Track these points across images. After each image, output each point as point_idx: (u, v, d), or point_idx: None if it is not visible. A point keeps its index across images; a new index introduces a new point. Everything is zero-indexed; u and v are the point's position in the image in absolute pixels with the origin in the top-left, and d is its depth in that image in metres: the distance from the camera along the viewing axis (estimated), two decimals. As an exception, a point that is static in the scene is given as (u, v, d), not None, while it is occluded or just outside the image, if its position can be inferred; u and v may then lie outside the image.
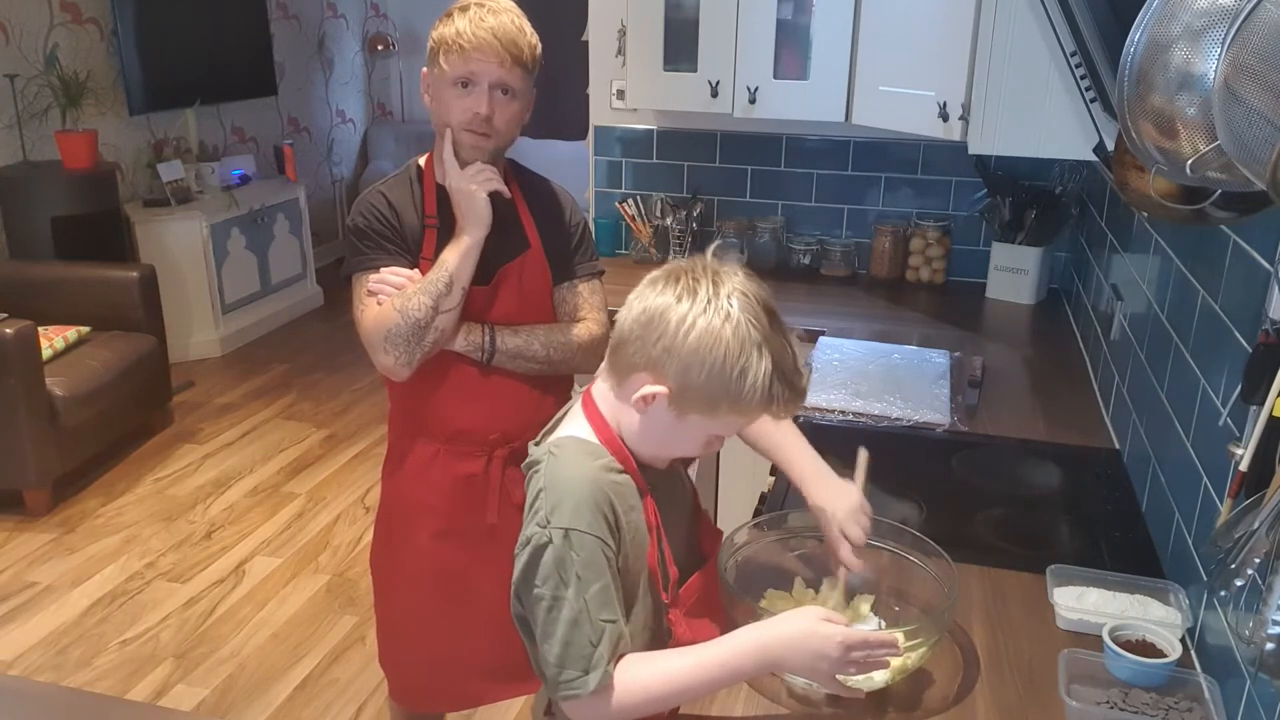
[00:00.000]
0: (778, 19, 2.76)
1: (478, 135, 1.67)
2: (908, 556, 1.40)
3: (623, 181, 3.38)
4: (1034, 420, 2.15)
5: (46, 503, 3.60)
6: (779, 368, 1.09)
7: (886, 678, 1.25)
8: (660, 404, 1.13)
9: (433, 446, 1.77)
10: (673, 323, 1.09)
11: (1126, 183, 1.36)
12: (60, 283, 4.08)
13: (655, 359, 1.10)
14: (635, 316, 1.13)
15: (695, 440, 1.18)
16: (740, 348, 1.08)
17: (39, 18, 4.54)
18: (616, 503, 1.14)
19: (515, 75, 1.65)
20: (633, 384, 1.14)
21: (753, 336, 1.08)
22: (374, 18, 7.18)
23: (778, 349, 1.10)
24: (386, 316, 1.65)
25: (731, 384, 1.08)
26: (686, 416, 1.13)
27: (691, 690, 1.14)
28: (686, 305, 1.09)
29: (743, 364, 1.08)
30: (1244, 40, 0.80)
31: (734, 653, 1.12)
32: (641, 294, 1.14)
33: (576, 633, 1.08)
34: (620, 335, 1.15)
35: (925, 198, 3.17)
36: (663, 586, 1.21)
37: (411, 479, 1.81)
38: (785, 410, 1.13)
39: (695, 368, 1.08)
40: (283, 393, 4.75)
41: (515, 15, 1.67)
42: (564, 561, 1.09)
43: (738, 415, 1.14)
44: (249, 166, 5.65)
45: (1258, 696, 1.11)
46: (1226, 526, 1.03)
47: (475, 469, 1.77)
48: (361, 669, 2.80)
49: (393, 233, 1.71)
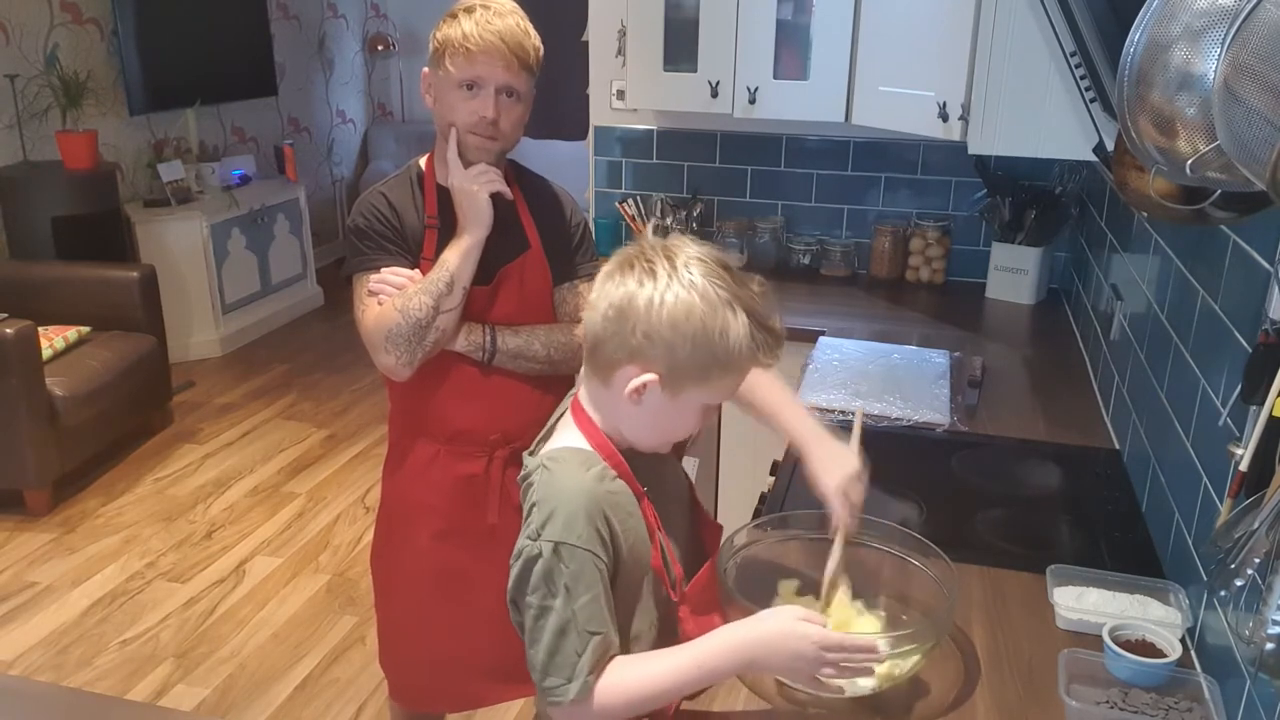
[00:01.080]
0: (778, 19, 2.75)
1: (484, 138, 1.67)
2: (908, 558, 1.40)
3: (623, 182, 3.38)
4: (1034, 420, 2.15)
5: (46, 503, 3.60)
6: (754, 317, 1.12)
7: (874, 685, 1.23)
8: (654, 391, 1.13)
9: (433, 447, 1.77)
10: (642, 308, 1.10)
11: (1126, 183, 1.36)
12: (60, 283, 4.08)
13: (637, 348, 1.11)
14: (604, 313, 1.13)
15: (693, 416, 1.18)
16: (714, 310, 1.09)
17: (39, 18, 4.54)
18: (611, 514, 1.14)
19: (521, 79, 1.66)
20: (620, 380, 1.15)
21: (722, 296, 1.10)
22: (374, 18, 7.18)
23: (747, 300, 1.12)
24: (387, 316, 1.65)
25: (717, 347, 1.10)
26: (681, 395, 1.14)
27: (672, 693, 1.15)
28: (650, 287, 1.10)
29: (721, 324, 1.09)
30: (1244, 40, 0.80)
31: (712, 654, 1.13)
32: (602, 290, 1.15)
33: (562, 642, 1.09)
34: (595, 336, 1.15)
35: (925, 198, 3.17)
36: (669, 585, 1.21)
37: (412, 479, 1.81)
38: (771, 355, 1.15)
39: (679, 344, 1.10)
40: (283, 393, 4.75)
41: (520, 18, 1.67)
42: (552, 574, 1.10)
43: (730, 376, 1.15)
44: (249, 166, 5.65)
45: (1258, 696, 1.11)
46: (1226, 526, 1.03)
47: (476, 469, 1.77)
48: (361, 669, 2.80)
49: (393, 233, 1.71)
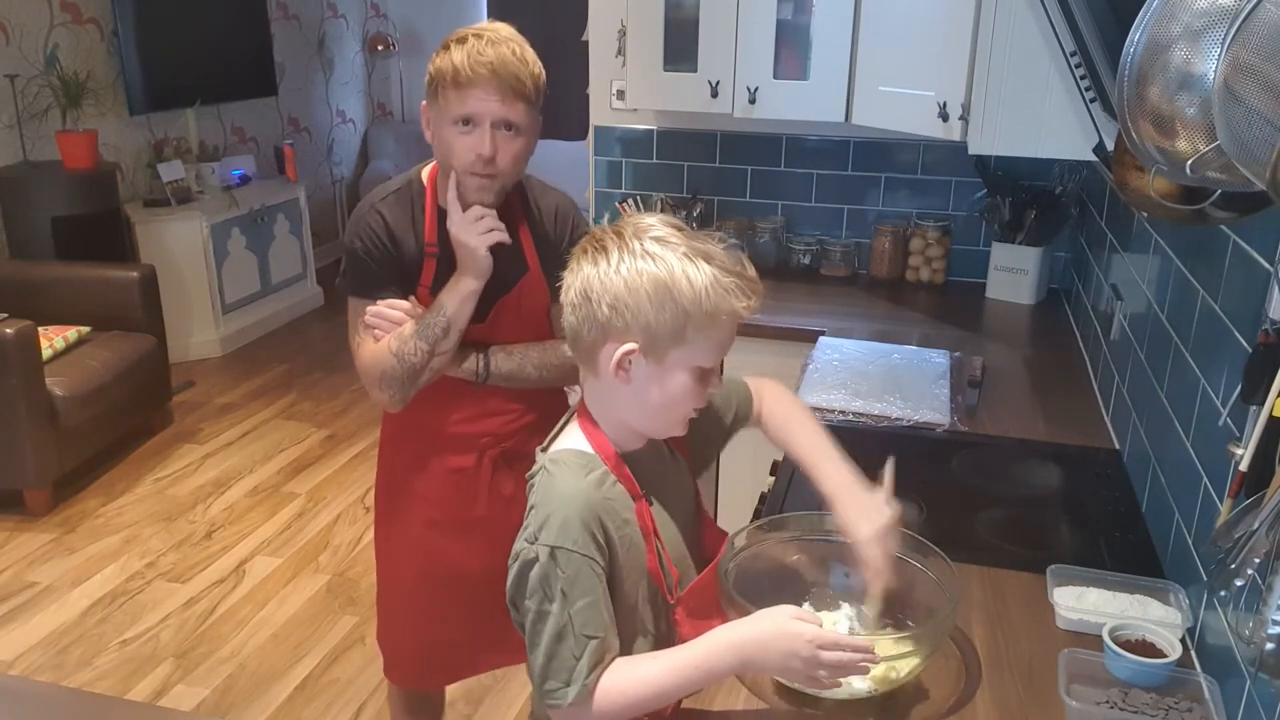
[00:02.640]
0: (778, 19, 2.75)
1: (482, 178, 1.60)
2: (908, 560, 1.39)
3: (623, 182, 3.38)
4: (1034, 420, 2.15)
5: (46, 503, 3.61)
6: (715, 262, 1.12)
7: (869, 687, 1.23)
8: (638, 363, 1.14)
9: (426, 443, 1.81)
10: (601, 280, 1.12)
11: (1126, 183, 1.36)
12: (60, 283, 4.08)
13: (607, 321, 1.12)
14: (570, 303, 1.16)
15: (688, 382, 1.16)
16: (671, 266, 1.11)
17: (39, 18, 4.54)
18: (607, 520, 1.15)
19: (518, 110, 1.57)
20: (604, 362, 1.15)
21: (676, 251, 1.12)
22: (374, 18, 7.18)
23: (704, 250, 1.13)
24: (382, 358, 1.64)
25: (684, 297, 1.10)
26: (666, 360, 1.14)
27: (670, 694, 1.15)
28: (604, 262, 1.13)
29: (681, 274, 1.11)
30: (1244, 40, 0.80)
31: (709, 654, 1.13)
32: (566, 291, 1.17)
33: (560, 646, 1.10)
34: (571, 329, 1.17)
35: (925, 198, 3.17)
36: (665, 588, 1.21)
37: (405, 469, 1.85)
38: (744, 297, 1.14)
39: (645, 304, 1.11)
40: (283, 393, 4.75)
41: (516, 44, 1.58)
42: (549, 578, 1.10)
43: (709, 330, 1.13)
44: (249, 166, 5.65)
45: (1258, 696, 1.11)
46: (1226, 526, 1.03)
47: (466, 464, 1.80)
48: (361, 669, 2.80)
49: (389, 260, 1.68)
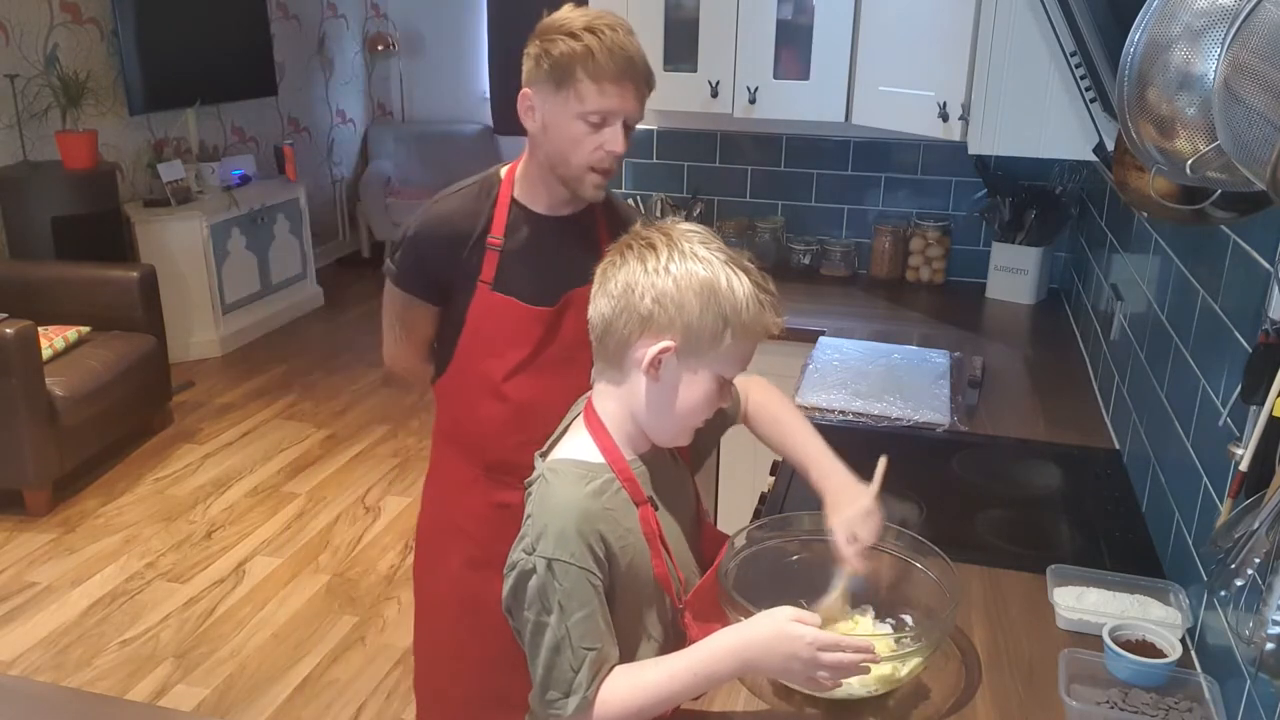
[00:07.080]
0: (778, 19, 2.75)
1: (604, 175, 1.55)
2: (908, 560, 1.40)
3: (623, 181, 3.37)
4: (1034, 420, 2.15)
5: (46, 503, 3.60)
6: (751, 276, 1.15)
7: (869, 688, 1.23)
8: (670, 362, 1.14)
9: (472, 471, 1.75)
10: (646, 278, 1.13)
11: (1126, 183, 1.36)
12: (60, 283, 4.08)
13: (649, 315, 1.13)
14: (610, 294, 1.15)
15: (710, 393, 1.18)
16: (718, 270, 1.13)
17: (39, 18, 4.54)
18: (607, 531, 1.14)
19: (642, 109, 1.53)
20: (634, 358, 1.15)
21: (721, 259, 1.14)
22: (374, 18, 7.18)
23: (741, 264, 1.16)
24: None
25: (726, 303, 1.12)
26: (696, 364, 1.15)
27: (672, 700, 1.15)
28: (653, 259, 1.13)
29: (727, 281, 1.13)
30: (1244, 40, 0.80)
31: (709, 660, 1.13)
32: (603, 284, 1.17)
33: (558, 658, 1.10)
34: (603, 322, 1.16)
35: (925, 198, 3.17)
36: (673, 593, 1.21)
37: (450, 501, 1.79)
38: (777, 315, 1.17)
39: (689, 302, 1.12)
40: (283, 393, 4.74)
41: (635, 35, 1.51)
42: (546, 590, 1.10)
43: (742, 337, 1.15)
44: (249, 166, 5.65)
45: (1258, 696, 1.11)
46: (1226, 526, 1.03)
47: (513, 499, 1.71)
48: (361, 669, 2.80)
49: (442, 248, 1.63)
